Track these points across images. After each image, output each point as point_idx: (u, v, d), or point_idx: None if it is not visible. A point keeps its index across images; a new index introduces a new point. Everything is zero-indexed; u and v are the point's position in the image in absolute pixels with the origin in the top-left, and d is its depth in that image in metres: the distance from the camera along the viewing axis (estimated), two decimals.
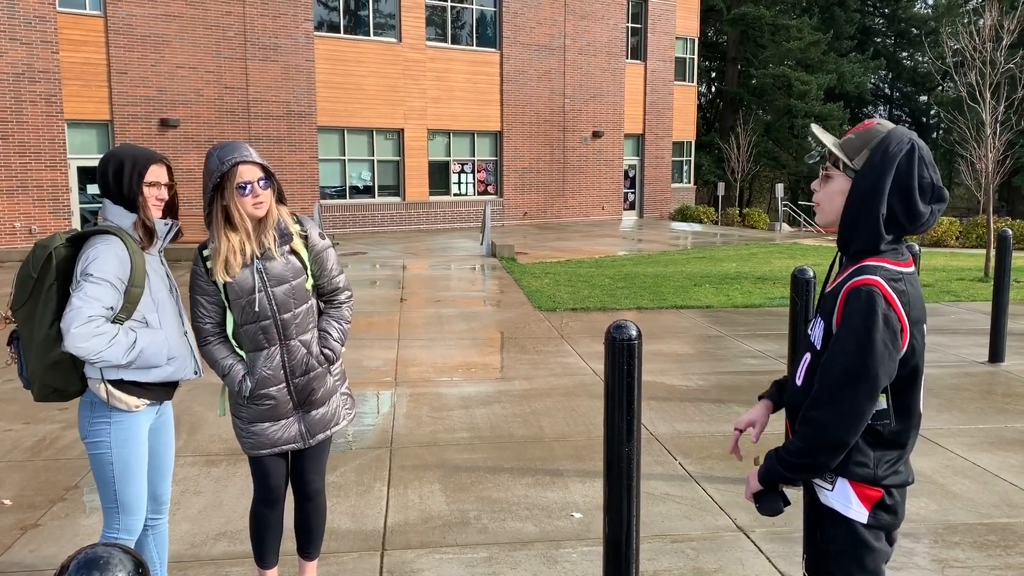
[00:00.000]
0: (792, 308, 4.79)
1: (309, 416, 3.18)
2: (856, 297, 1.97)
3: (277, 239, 3.04)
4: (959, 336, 8.99)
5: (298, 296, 3.09)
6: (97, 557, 1.14)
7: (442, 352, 8.20)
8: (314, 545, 3.38)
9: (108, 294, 2.78)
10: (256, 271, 3.01)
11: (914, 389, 2.05)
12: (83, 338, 2.71)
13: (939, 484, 4.77)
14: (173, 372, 2.99)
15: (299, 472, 3.28)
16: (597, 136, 27.59)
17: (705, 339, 8.89)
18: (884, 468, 2.04)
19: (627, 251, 18.53)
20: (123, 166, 2.89)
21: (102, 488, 2.96)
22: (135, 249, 2.88)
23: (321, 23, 22.22)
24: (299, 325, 3.10)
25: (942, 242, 21.69)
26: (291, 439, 3.16)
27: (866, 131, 2.08)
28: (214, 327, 3.10)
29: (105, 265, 2.79)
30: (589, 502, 4.49)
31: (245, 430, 3.15)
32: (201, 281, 3.04)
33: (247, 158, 2.94)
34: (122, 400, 2.89)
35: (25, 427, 5.78)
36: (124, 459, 2.93)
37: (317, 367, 3.16)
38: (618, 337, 2.93)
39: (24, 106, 18.03)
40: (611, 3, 27.35)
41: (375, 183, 23.59)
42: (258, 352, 3.08)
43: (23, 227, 18.22)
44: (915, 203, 2.00)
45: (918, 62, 48.99)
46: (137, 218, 2.93)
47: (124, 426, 2.92)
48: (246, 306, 3.02)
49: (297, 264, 3.08)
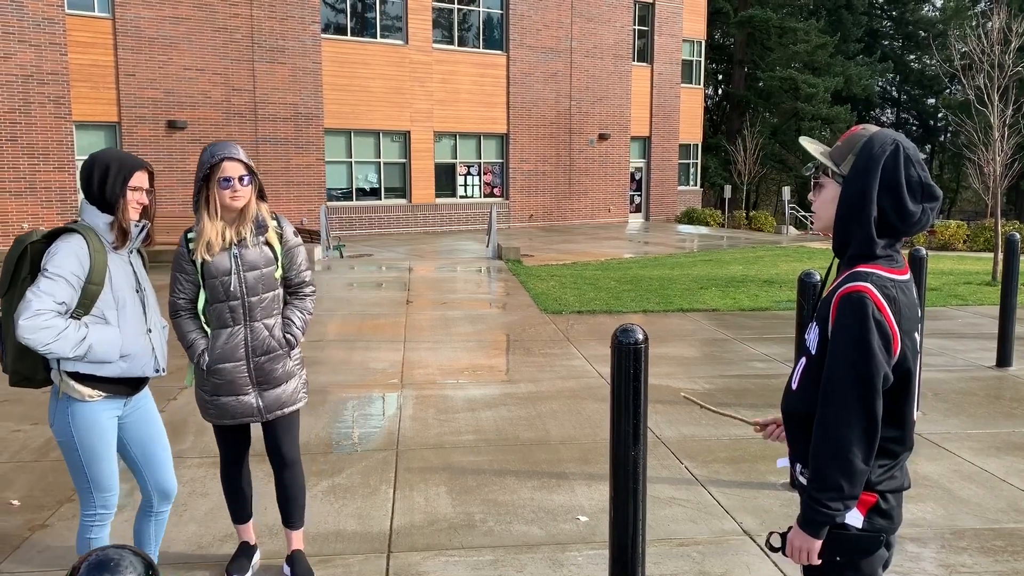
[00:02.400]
0: (799, 312, 4.79)
1: (267, 394, 3.49)
2: (847, 303, 1.97)
3: (254, 230, 3.41)
4: (966, 340, 8.96)
5: (266, 283, 3.44)
6: (108, 559, 1.15)
7: (448, 354, 8.21)
8: (297, 514, 3.68)
9: (61, 289, 2.89)
10: (232, 256, 3.37)
11: (907, 396, 2.04)
12: (30, 330, 2.83)
13: (946, 489, 4.76)
14: (127, 368, 3.10)
15: (273, 444, 3.60)
16: (603, 138, 27.59)
17: (711, 342, 8.88)
18: (878, 473, 2.04)
19: (633, 254, 18.52)
20: (108, 170, 3.02)
21: (73, 471, 3.12)
22: (98, 248, 3.00)
23: (328, 25, 22.27)
24: (264, 309, 3.45)
25: (949, 245, 21.62)
26: (248, 413, 3.47)
27: (851, 136, 2.09)
28: (187, 303, 3.44)
29: (62, 261, 2.91)
30: (595, 505, 4.49)
31: (210, 402, 3.48)
32: (183, 260, 3.40)
33: (233, 156, 3.30)
34: (75, 389, 3.01)
35: (33, 428, 5.81)
36: (88, 444, 3.07)
37: (278, 349, 3.49)
38: (625, 341, 2.93)
39: (32, 108, 18.11)
40: (618, 5, 27.36)
41: (381, 185, 23.62)
42: (223, 329, 3.41)
43: (31, 228, 18.29)
44: (904, 202, 2.00)
45: (926, 65, 48.85)
46: (113, 219, 3.05)
47: (82, 414, 3.05)
48: (219, 286, 3.36)
49: (269, 254, 3.44)
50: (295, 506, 3.66)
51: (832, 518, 1.98)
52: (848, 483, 1.96)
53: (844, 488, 1.96)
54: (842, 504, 1.97)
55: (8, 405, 6.37)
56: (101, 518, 3.15)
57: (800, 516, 2.03)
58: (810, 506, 1.99)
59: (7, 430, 5.77)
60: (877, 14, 49.48)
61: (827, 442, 1.97)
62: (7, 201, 18.07)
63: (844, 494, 1.96)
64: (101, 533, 3.17)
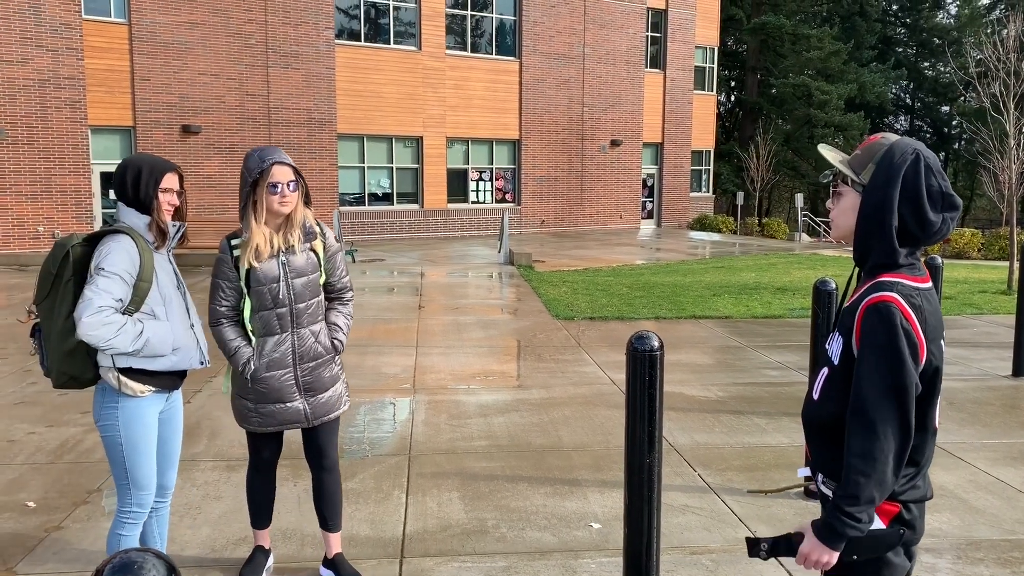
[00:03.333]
0: (814, 320, 4.77)
1: (314, 399, 3.48)
2: (875, 314, 1.96)
3: (302, 236, 3.39)
4: (981, 349, 8.90)
5: (312, 289, 3.44)
6: (132, 562, 1.16)
7: (460, 360, 8.22)
8: (337, 517, 3.68)
9: (118, 287, 2.99)
10: (280, 262, 3.34)
11: (931, 405, 2.04)
12: (93, 326, 2.91)
13: (962, 499, 4.72)
14: (177, 361, 3.19)
15: (315, 448, 3.58)
16: (615, 145, 27.59)
17: (724, 350, 8.85)
18: (902, 483, 2.02)
19: (645, 260, 18.50)
20: (140, 172, 3.11)
21: (115, 467, 3.18)
22: (144, 247, 3.10)
23: (342, 31, 22.38)
24: (311, 315, 3.44)
25: (964, 254, 21.50)
26: (295, 419, 3.46)
27: (871, 145, 2.08)
28: (228, 310, 3.39)
29: (116, 260, 3.00)
30: (608, 512, 4.48)
31: (254, 410, 3.44)
32: (225, 267, 3.35)
33: (282, 160, 3.29)
34: (129, 386, 3.09)
35: (48, 430, 5.84)
36: (132, 440, 3.14)
37: (324, 355, 3.49)
38: (640, 348, 2.92)
39: (49, 112, 18.27)
40: (631, 12, 27.38)
41: (394, 190, 23.69)
42: (269, 337, 3.39)
43: (47, 231, 18.44)
44: (925, 212, 1.99)
45: (940, 72, 48.64)
46: (151, 220, 3.15)
47: (131, 410, 3.13)
48: (266, 293, 3.33)
49: (315, 260, 3.44)
50: (335, 510, 3.67)
51: (859, 530, 1.95)
52: (880, 495, 1.94)
53: (876, 500, 1.94)
54: (867, 516, 1.95)
55: (24, 407, 6.42)
56: (135, 516, 3.21)
57: (821, 525, 1.98)
58: (836, 516, 1.95)
59: (23, 432, 5.80)
60: (891, 21, 49.31)
61: (862, 455, 1.93)
62: (23, 204, 18.21)
63: (873, 506, 1.94)
64: (133, 531, 3.22)
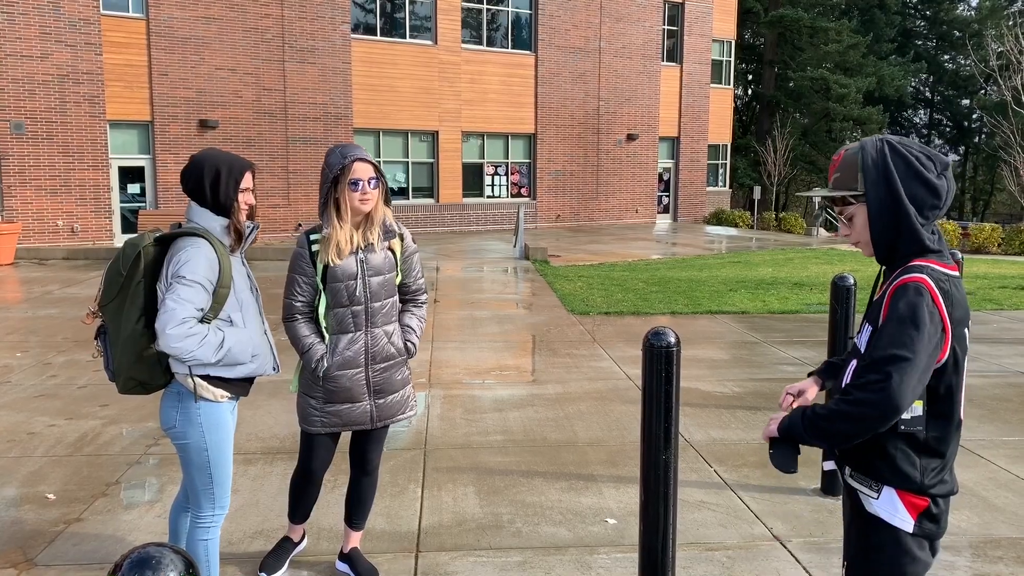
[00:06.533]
0: (832, 315, 4.74)
1: (382, 401, 3.45)
2: (903, 291, 1.99)
3: (381, 235, 3.38)
4: (1002, 345, 8.81)
5: (388, 289, 3.42)
6: (150, 556, 1.16)
7: (475, 354, 8.22)
8: (364, 516, 3.72)
9: (199, 296, 2.89)
10: (359, 260, 3.33)
11: (955, 394, 2.04)
12: (177, 339, 2.83)
13: (981, 497, 4.68)
14: (256, 368, 3.11)
15: (363, 451, 3.58)
16: (631, 139, 27.49)
17: (741, 345, 8.81)
18: (930, 477, 2.04)
19: (661, 255, 18.44)
20: (220, 173, 2.98)
21: (198, 473, 3.07)
22: (222, 251, 2.98)
23: (358, 25, 22.41)
24: (385, 315, 3.41)
25: (984, 249, 21.28)
26: (362, 421, 3.43)
27: (844, 160, 2.13)
28: (304, 306, 3.36)
29: (196, 267, 2.88)
30: (623, 508, 4.47)
31: (320, 409, 3.40)
32: (303, 262, 3.32)
33: (364, 157, 3.27)
34: (208, 390, 3.00)
35: (68, 423, 5.90)
36: (217, 444, 3.07)
37: (396, 356, 3.46)
38: (657, 344, 2.91)
39: (68, 107, 18.41)
40: (647, 6, 27.24)
41: (409, 185, 23.73)
42: (343, 335, 3.35)
43: (65, 226, 18.60)
44: (928, 179, 2.04)
45: (960, 65, 48.14)
46: (229, 222, 3.04)
47: (212, 414, 3.04)
48: (343, 290, 3.30)
49: (392, 260, 3.43)
50: (364, 511, 3.70)
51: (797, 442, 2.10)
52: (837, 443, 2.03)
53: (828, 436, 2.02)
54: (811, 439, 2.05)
55: (44, 400, 6.48)
56: (218, 518, 3.13)
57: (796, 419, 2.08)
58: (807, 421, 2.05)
59: (43, 424, 5.86)
60: (911, 14, 48.84)
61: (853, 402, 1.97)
62: (43, 198, 18.37)
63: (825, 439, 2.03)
64: (216, 534, 3.15)
